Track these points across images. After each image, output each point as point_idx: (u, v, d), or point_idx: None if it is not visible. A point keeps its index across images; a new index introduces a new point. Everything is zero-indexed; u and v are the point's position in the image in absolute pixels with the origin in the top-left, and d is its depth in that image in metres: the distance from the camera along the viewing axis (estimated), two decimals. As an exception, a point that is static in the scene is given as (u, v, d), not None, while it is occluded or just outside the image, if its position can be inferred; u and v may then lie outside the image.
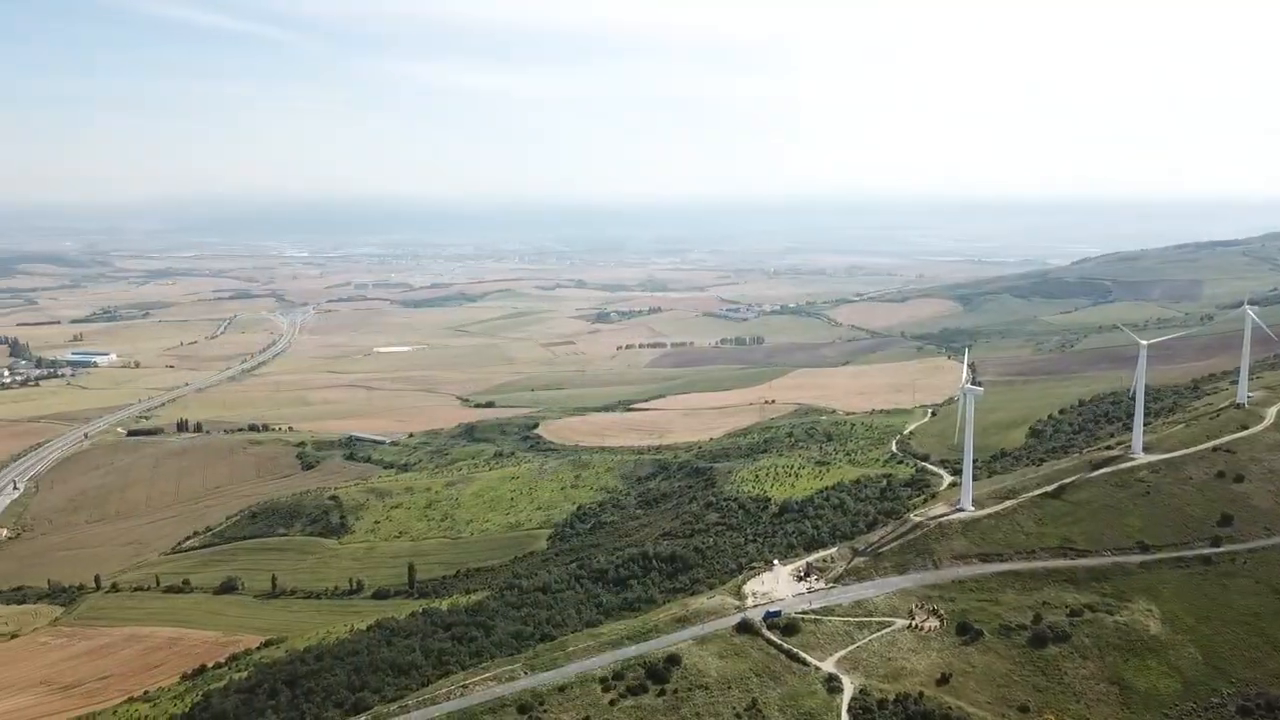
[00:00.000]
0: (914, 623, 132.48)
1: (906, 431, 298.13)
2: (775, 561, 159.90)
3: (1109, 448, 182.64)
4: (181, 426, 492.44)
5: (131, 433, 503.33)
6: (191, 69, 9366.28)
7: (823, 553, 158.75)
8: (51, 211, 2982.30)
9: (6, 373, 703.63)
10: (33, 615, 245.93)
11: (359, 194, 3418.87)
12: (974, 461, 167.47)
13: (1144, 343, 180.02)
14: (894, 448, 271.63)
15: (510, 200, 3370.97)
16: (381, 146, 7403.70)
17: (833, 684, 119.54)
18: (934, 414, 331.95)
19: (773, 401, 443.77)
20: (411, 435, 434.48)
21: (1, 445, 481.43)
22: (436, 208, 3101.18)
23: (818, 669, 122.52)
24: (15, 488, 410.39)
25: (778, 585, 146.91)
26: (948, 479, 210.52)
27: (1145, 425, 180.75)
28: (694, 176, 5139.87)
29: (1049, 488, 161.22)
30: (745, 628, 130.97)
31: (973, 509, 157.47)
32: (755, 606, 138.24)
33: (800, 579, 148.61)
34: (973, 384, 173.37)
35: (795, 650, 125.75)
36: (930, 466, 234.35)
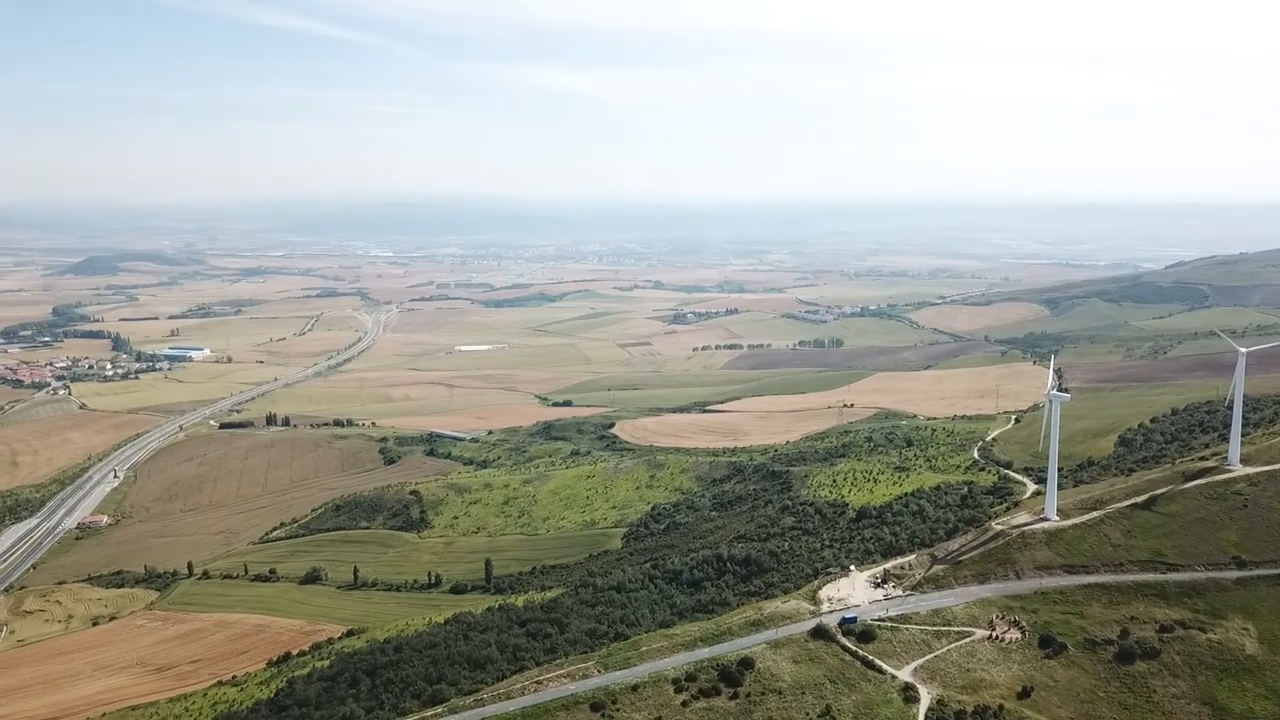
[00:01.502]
0: (994, 633, 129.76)
1: (989, 438, 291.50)
2: (852, 567, 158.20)
3: (1204, 458, 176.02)
4: (270, 420, 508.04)
5: (223, 425, 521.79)
6: (283, 75, 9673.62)
7: (901, 560, 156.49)
8: (151, 212, 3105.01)
9: (109, 366, 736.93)
10: (130, 599, 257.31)
11: (446, 196, 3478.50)
12: (1059, 470, 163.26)
13: (1243, 350, 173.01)
14: (976, 454, 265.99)
15: (595, 202, 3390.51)
16: (470, 149, 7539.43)
17: (909, 693, 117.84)
18: (1018, 421, 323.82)
19: (851, 405, 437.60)
20: (491, 432, 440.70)
21: (104, 436, 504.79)
22: (522, 209, 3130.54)
23: (894, 677, 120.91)
24: (115, 476, 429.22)
25: (854, 591, 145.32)
26: (1031, 488, 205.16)
27: (1243, 436, 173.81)
28: (776, 178, 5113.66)
29: (1139, 499, 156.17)
30: (820, 633, 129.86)
31: (1057, 519, 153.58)
32: (831, 612, 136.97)
33: (877, 586, 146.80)
34: (1059, 390, 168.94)
35: (871, 657, 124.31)
36: (1013, 474, 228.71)
